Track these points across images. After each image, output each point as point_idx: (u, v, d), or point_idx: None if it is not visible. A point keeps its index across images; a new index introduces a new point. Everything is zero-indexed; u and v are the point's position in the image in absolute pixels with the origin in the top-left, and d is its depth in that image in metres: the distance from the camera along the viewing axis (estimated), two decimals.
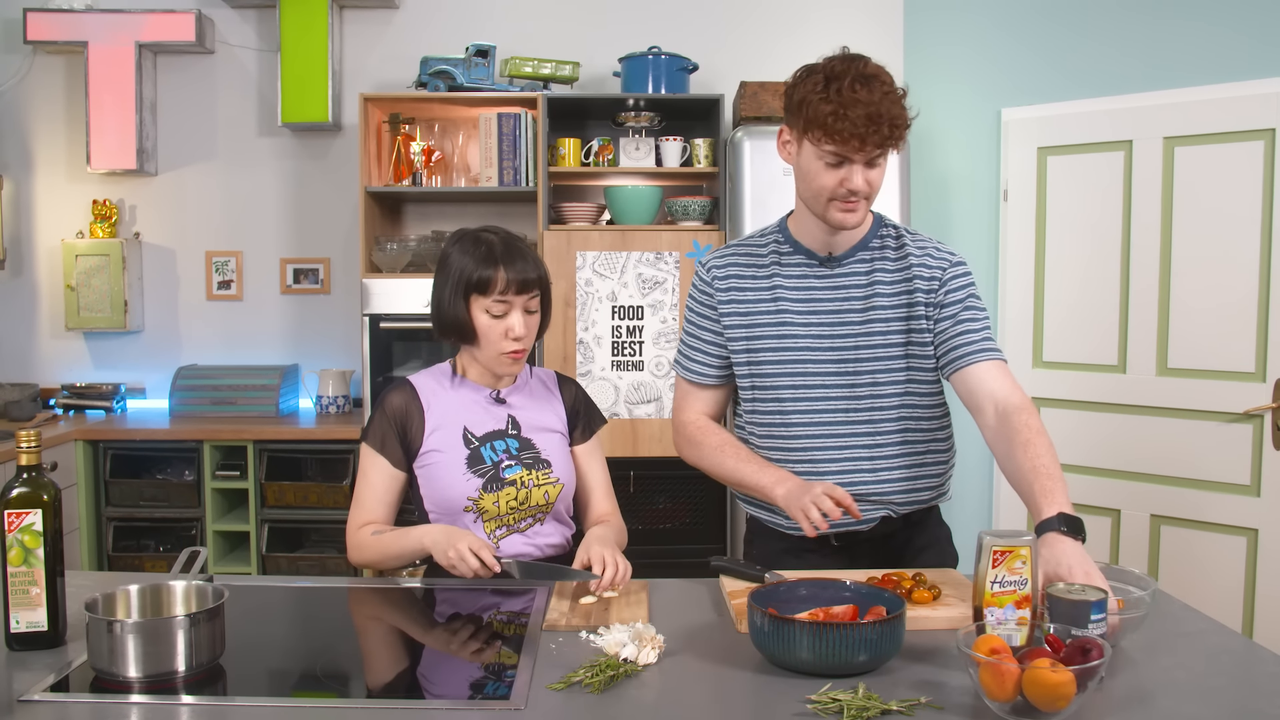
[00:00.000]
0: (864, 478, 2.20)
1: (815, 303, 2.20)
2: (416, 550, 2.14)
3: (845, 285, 2.20)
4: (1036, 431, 1.96)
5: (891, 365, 2.18)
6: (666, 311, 4.24)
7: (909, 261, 2.19)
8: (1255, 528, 3.52)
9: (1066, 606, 1.64)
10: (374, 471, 2.26)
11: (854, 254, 2.21)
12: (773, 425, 2.24)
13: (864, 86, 1.98)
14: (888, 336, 2.18)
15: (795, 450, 2.22)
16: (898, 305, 2.18)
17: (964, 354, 2.12)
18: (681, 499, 4.29)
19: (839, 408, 2.20)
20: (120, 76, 4.63)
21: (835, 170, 2.04)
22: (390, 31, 4.82)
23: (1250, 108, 3.50)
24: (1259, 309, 3.50)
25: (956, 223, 4.38)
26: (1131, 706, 1.52)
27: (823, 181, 2.06)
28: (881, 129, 1.98)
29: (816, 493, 1.99)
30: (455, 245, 2.24)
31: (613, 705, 1.53)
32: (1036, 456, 1.91)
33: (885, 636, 1.61)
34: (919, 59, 4.60)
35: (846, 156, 2.02)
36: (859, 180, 2.03)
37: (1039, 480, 1.88)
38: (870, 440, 2.20)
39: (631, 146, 4.40)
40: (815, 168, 2.06)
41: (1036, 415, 2.01)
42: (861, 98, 1.96)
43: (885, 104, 1.98)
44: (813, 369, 2.19)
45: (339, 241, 4.88)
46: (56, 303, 4.85)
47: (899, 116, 2.00)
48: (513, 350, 2.22)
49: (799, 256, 2.22)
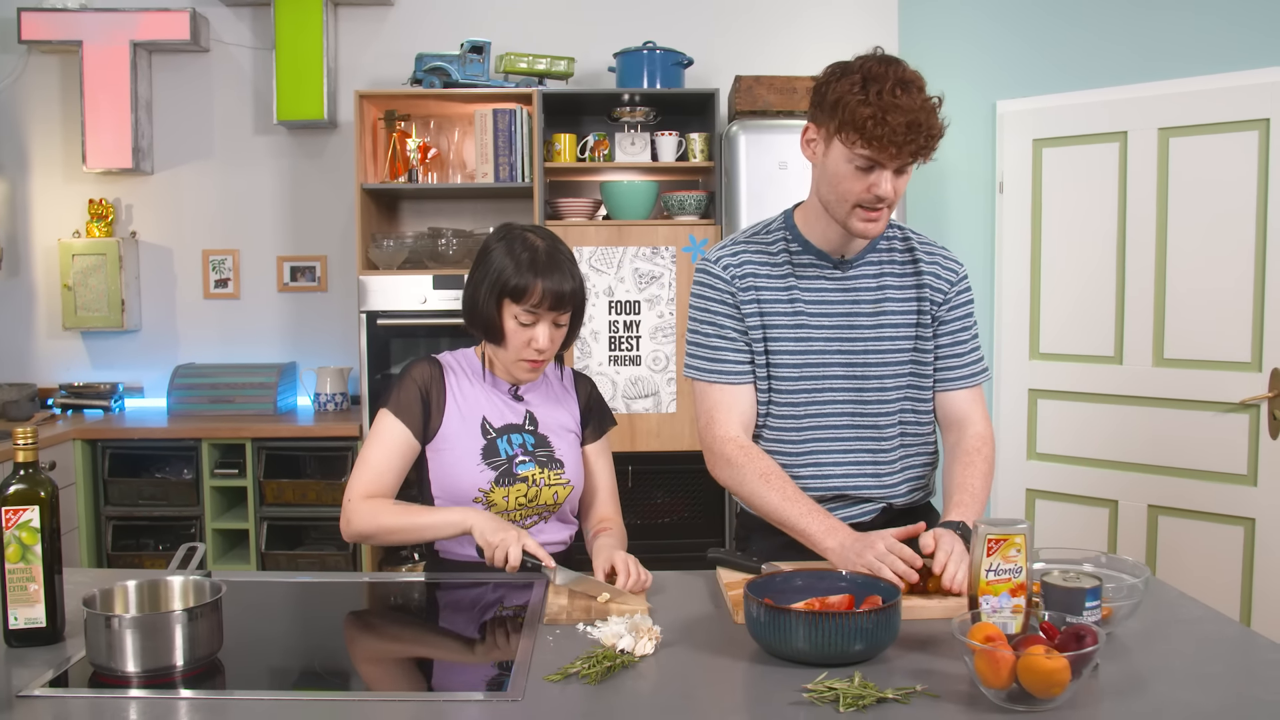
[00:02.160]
0: (867, 481, 2.21)
1: (829, 304, 2.16)
2: (453, 528, 2.09)
3: (856, 288, 2.17)
4: (983, 458, 2.15)
5: (898, 370, 2.18)
6: (663, 306, 4.25)
7: (920, 269, 2.18)
8: (1253, 517, 3.53)
9: (1061, 594, 1.65)
10: (391, 436, 2.19)
11: (864, 256, 2.18)
12: (784, 430, 2.20)
13: (904, 92, 1.93)
14: (896, 342, 2.17)
15: (803, 455, 2.20)
16: (907, 311, 2.17)
17: (951, 378, 2.23)
18: (679, 494, 4.29)
19: (846, 411, 2.18)
20: (115, 75, 4.63)
21: (865, 175, 1.98)
22: (385, 28, 4.82)
23: (1244, 98, 3.50)
24: (1254, 299, 3.50)
25: (952, 215, 4.39)
26: (1126, 693, 1.52)
27: (850, 185, 2.00)
28: (919, 138, 1.92)
29: (881, 550, 1.88)
30: (500, 242, 2.19)
31: (609, 696, 1.54)
32: (969, 476, 2.11)
33: (881, 625, 1.62)
34: (914, 51, 4.60)
35: (879, 162, 1.96)
36: (887, 187, 1.98)
37: (960, 495, 2.09)
38: (874, 445, 2.20)
39: (627, 141, 4.41)
40: (844, 170, 2.00)
41: (989, 444, 2.19)
42: (902, 104, 1.91)
43: (924, 113, 1.93)
44: (825, 373, 2.17)
45: (336, 239, 4.88)
46: (54, 302, 4.85)
47: (935, 126, 1.95)
48: (532, 360, 2.20)
49: (810, 257, 2.17)
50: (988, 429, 2.21)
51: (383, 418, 2.21)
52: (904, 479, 2.24)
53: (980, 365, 2.25)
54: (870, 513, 2.22)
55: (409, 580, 2.22)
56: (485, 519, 2.07)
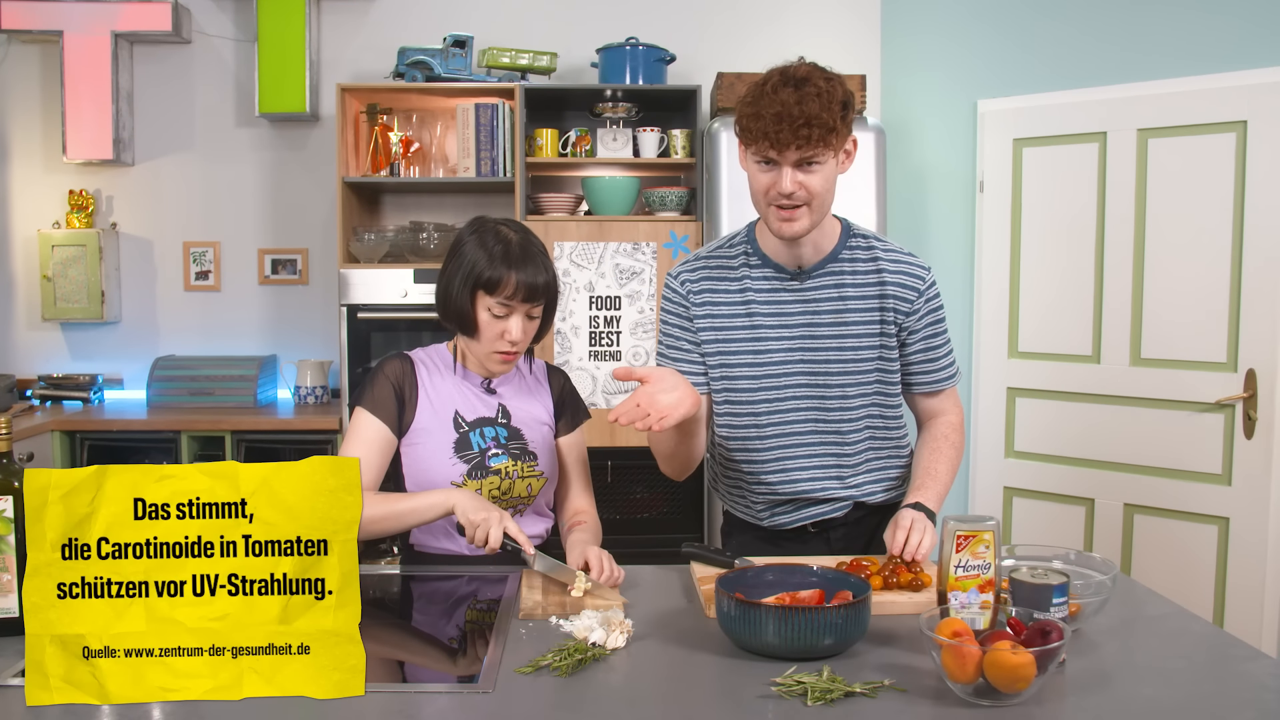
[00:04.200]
0: (832, 484, 2.25)
1: (787, 316, 2.20)
2: (436, 508, 2.09)
3: (815, 299, 2.19)
4: (949, 444, 2.26)
5: (862, 379, 2.21)
6: (644, 302, 4.25)
7: (883, 277, 2.19)
8: (1226, 516, 3.55)
9: (1028, 590, 1.67)
10: (370, 432, 2.19)
11: (823, 266, 2.19)
12: (747, 437, 2.25)
13: (789, 88, 1.97)
14: (859, 351, 2.19)
15: (768, 461, 2.25)
16: (870, 320, 2.19)
17: (927, 382, 2.28)
18: (658, 489, 4.30)
19: (809, 418, 2.22)
20: (96, 66, 4.61)
21: (766, 173, 2.04)
22: (368, 22, 4.81)
23: (1223, 100, 3.52)
24: (1230, 300, 3.53)
25: (933, 214, 4.41)
26: (1091, 688, 1.54)
27: (758, 184, 2.06)
28: (796, 128, 1.95)
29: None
30: (473, 235, 2.20)
31: (580, 688, 1.55)
32: (935, 461, 2.22)
33: (850, 620, 1.63)
34: (896, 49, 4.62)
35: (769, 158, 2.01)
36: (787, 183, 2.00)
37: (922, 478, 2.19)
38: (838, 450, 2.24)
39: (609, 137, 4.41)
40: (751, 171, 2.08)
41: (958, 431, 2.30)
42: (781, 98, 1.96)
43: (805, 104, 1.95)
44: (785, 381, 2.20)
45: (317, 232, 4.87)
46: (33, 293, 4.83)
47: (817, 116, 1.95)
48: (505, 352, 2.20)
49: (768, 270, 2.20)
50: (958, 417, 2.32)
51: (359, 415, 2.22)
52: (871, 479, 2.28)
53: (953, 369, 2.30)
54: (840, 508, 2.25)
55: (385, 573, 2.23)
56: (467, 497, 2.07)
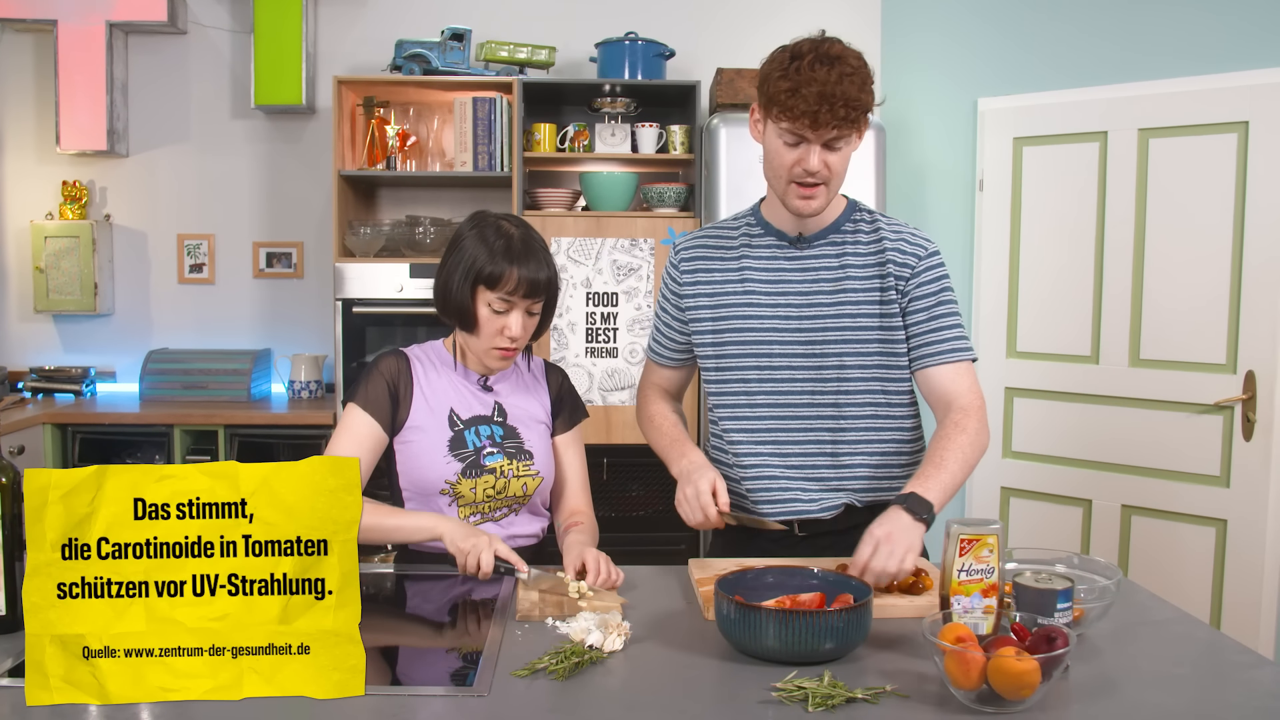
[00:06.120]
0: (825, 462, 2.20)
1: (783, 283, 2.19)
2: (423, 533, 2.08)
3: (815, 267, 2.19)
4: (960, 430, 2.08)
5: (862, 350, 2.17)
6: (641, 298, 4.23)
7: (883, 246, 2.17)
8: (1224, 518, 3.55)
9: (1033, 595, 1.65)
10: (359, 429, 2.17)
11: (825, 235, 2.20)
12: (738, 406, 2.23)
13: (825, 66, 1.97)
14: (858, 320, 2.16)
15: (760, 431, 2.22)
16: (870, 289, 2.17)
17: (932, 353, 2.16)
18: (655, 487, 4.28)
19: (804, 389, 2.19)
20: (90, 56, 4.58)
21: (793, 150, 2.04)
22: (365, 14, 4.78)
23: (1224, 100, 3.51)
24: (1230, 301, 3.52)
25: (932, 212, 4.39)
26: (1096, 695, 1.53)
27: (782, 160, 2.06)
28: (836, 109, 1.96)
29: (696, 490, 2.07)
30: (474, 230, 2.18)
31: (576, 691, 1.53)
32: (944, 449, 2.04)
33: (852, 624, 1.61)
34: (896, 47, 4.60)
35: (802, 136, 2.01)
36: (815, 161, 2.02)
37: (926, 466, 2.02)
38: (834, 425, 2.20)
39: (607, 132, 4.39)
40: (776, 146, 2.07)
41: (974, 417, 2.11)
42: (819, 76, 1.96)
43: (843, 85, 1.96)
44: (778, 349, 2.18)
45: (312, 225, 4.85)
46: (25, 285, 4.80)
47: (856, 98, 1.97)
48: (504, 348, 2.19)
49: (769, 238, 2.22)
50: (973, 401, 2.14)
51: (350, 411, 2.20)
52: (869, 465, 2.21)
53: (963, 344, 2.17)
54: (831, 509, 2.21)
55: (379, 571, 2.21)
56: (455, 526, 2.06)
